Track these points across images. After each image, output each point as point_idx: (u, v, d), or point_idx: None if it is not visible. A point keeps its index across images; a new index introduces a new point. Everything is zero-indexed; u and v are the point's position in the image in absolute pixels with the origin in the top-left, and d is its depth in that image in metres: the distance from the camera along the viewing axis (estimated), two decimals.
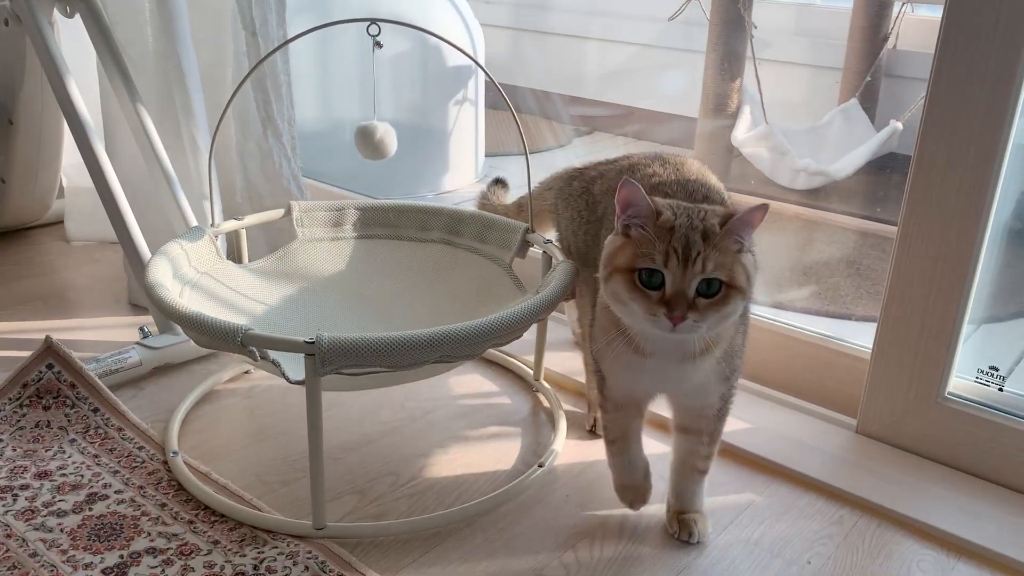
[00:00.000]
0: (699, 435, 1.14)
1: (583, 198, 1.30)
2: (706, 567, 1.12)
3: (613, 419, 1.17)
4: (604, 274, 1.00)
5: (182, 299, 1.25)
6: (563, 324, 1.70)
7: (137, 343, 1.53)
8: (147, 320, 1.67)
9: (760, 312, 1.58)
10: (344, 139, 2.56)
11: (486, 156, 2.83)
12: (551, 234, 1.44)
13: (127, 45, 1.62)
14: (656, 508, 1.22)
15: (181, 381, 1.52)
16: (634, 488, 1.19)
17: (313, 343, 1.02)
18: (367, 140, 1.47)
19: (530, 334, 1.45)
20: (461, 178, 2.68)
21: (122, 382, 1.49)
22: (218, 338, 1.06)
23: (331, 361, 1.03)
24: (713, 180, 1.16)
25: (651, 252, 0.95)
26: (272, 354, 1.08)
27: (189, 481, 1.22)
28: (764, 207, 0.96)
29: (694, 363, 1.03)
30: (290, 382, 1.09)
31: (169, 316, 1.12)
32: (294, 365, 1.10)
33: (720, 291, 0.95)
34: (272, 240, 1.76)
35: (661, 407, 1.22)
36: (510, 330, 1.12)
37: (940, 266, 1.26)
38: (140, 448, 1.31)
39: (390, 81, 2.46)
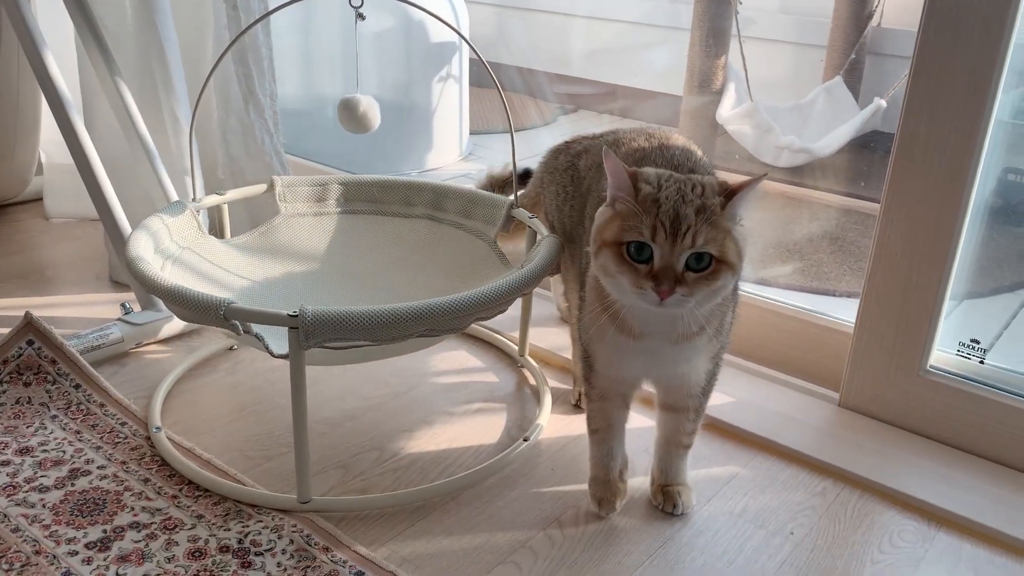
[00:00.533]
0: (685, 412, 1.14)
1: (568, 173, 1.30)
2: (690, 538, 1.13)
3: (598, 408, 1.16)
4: (594, 248, 0.99)
5: (164, 273, 1.24)
6: (548, 300, 1.70)
7: (119, 319, 1.52)
8: (129, 297, 1.65)
9: (745, 288, 1.59)
10: (327, 116, 2.55)
11: (470, 134, 2.82)
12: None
13: (105, 17, 1.59)
14: (640, 481, 1.23)
15: (164, 357, 1.51)
16: (608, 484, 1.16)
17: (297, 316, 1.02)
18: (350, 113, 1.46)
19: (515, 309, 1.45)
20: (445, 156, 2.67)
21: (104, 358, 1.48)
22: (201, 312, 1.05)
23: (315, 334, 1.03)
24: (699, 153, 1.16)
25: (638, 225, 0.94)
26: (255, 328, 1.08)
27: (172, 456, 1.21)
28: (763, 176, 0.95)
29: (687, 344, 1.03)
30: (273, 356, 1.08)
31: (151, 290, 1.11)
32: (278, 339, 1.10)
33: (710, 265, 0.94)
34: (255, 216, 1.74)
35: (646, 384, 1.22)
36: (494, 304, 1.12)
37: (922, 242, 1.27)
38: (123, 424, 1.30)
39: (374, 57, 2.44)
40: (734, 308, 1.11)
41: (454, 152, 2.71)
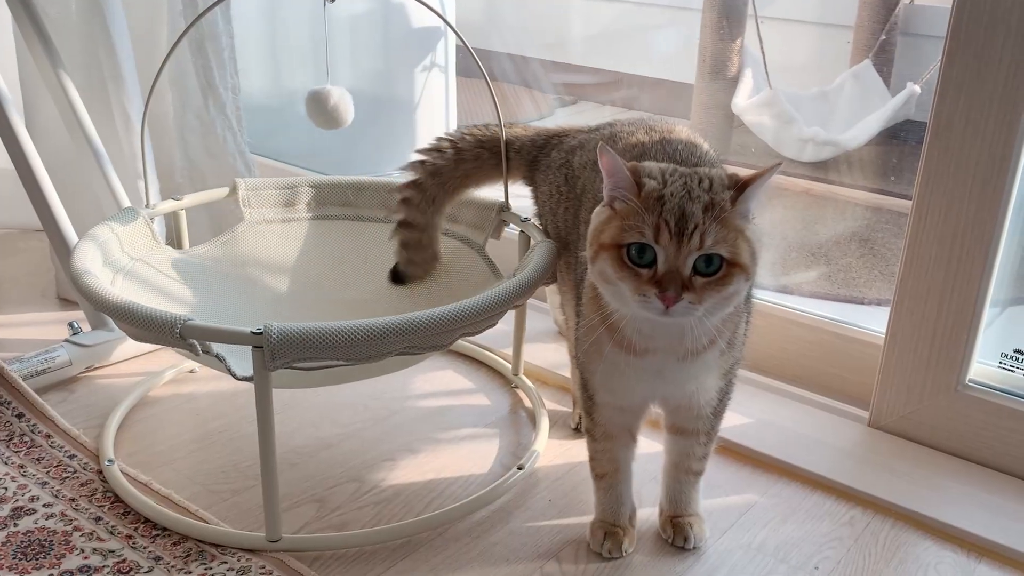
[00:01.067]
0: (695, 435, 1.15)
1: (562, 171, 1.31)
2: (703, 575, 1.14)
3: (603, 450, 1.16)
4: (590, 252, 1.00)
5: (114, 288, 1.26)
6: (544, 312, 1.71)
7: (66, 340, 1.53)
8: (77, 315, 1.66)
9: (763, 296, 1.60)
10: (297, 112, 2.55)
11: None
12: None
13: (47, 4, 1.61)
14: (648, 512, 1.24)
15: (117, 382, 1.52)
16: (615, 531, 1.17)
17: (261, 334, 1.03)
18: (319, 107, 1.48)
19: (507, 324, 1.47)
20: None
21: (50, 384, 1.49)
22: (154, 330, 1.07)
23: (281, 354, 1.04)
24: (705, 146, 1.17)
25: (639, 225, 0.94)
26: (216, 348, 1.09)
27: (127, 492, 1.22)
28: (777, 165, 0.96)
29: (696, 359, 1.04)
30: (237, 379, 1.10)
31: (99, 306, 1.12)
32: (241, 360, 1.11)
33: (721, 268, 0.94)
34: (217, 223, 1.76)
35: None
36: (481, 317, 1.13)
37: (959, 241, 1.29)
38: (71, 457, 1.31)
39: (348, 45, 2.46)
40: (748, 318, 1.13)
41: None
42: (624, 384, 1.09)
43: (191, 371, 1.55)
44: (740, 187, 0.96)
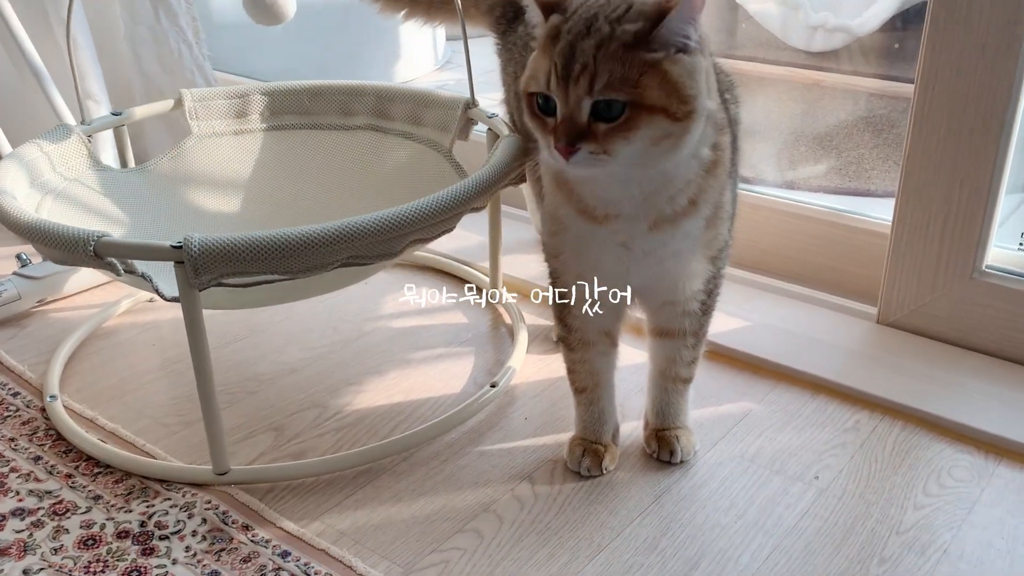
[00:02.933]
0: (682, 337, 1.04)
1: (525, 50, 1.19)
2: (690, 490, 1.04)
3: (580, 360, 1.06)
4: (521, 101, 0.91)
5: (41, 210, 1.16)
6: (524, 221, 1.59)
7: (14, 273, 1.45)
8: (27, 247, 1.57)
9: (766, 191, 1.48)
10: (273, 29, 2.45)
11: (447, 39, 2.69)
12: None
13: None
14: (633, 426, 1.14)
15: (72, 315, 1.44)
16: (595, 448, 1.07)
17: (180, 247, 0.93)
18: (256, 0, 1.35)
19: (486, 235, 1.37)
20: (417, 66, 2.55)
21: (0, 320, 1.41)
22: (67, 249, 0.97)
23: (206, 269, 0.94)
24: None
25: (537, 71, 0.86)
26: (140, 266, 0.99)
27: (68, 429, 1.14)
28: None
29: (670, 228, 0.92)
30: (166, 300, 1.00)
31: (11, 228, 1.03)
32: (171, 279, 1.01)
33: (624, 112, 0.82)
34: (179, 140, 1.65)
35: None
36: (430, 221, 1.02)
37: (972, 111, 1.15)
38: (15, 395, 1.23)
39: None
40: (734, 188, 1.00)
41: (428, 61, 2.59)
42: (591, 260, 0.97)
43: (150, 300, 1.46)
44: (658, 15, 0.81)
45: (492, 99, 1.37)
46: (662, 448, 1.08)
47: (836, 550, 0.96)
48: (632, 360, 1.21)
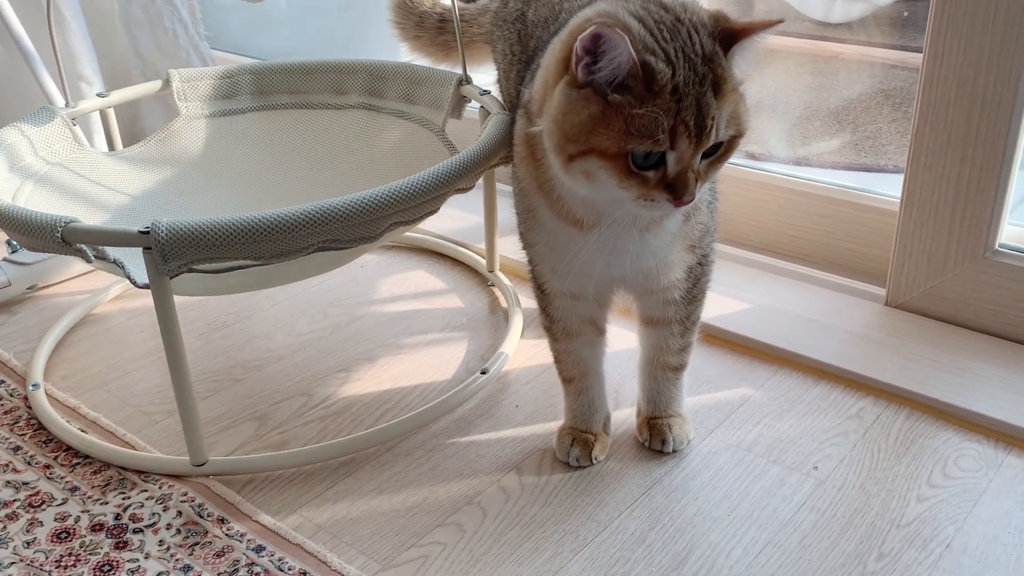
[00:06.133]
0: (668, 325, 1.00)
1: (515, 26, 1.15)
2: (683, 480, 1.00)
3: (565, 351, 1.03)
4: (567, 152, 0.79)
5: (20, 196, 1.14)
6: None
7: (4, 259, 1.43)
8: None
9: (775, 168, 1.43)
10: (277, 5, 2.41)
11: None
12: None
13: None
14: (627, 414, 1.10)
15: (62, 302, 1.42)
16: (585, 437, 1.04)
17: (148, 233, 0.90)
18: None
19: (483, 216, 1.33)
20: None
21: None
22: (34, 235, 0.94)
23: (175, 255, 0.91)
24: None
25: (652, 130, 0.75)
26: (112, 253, 0.96)
27: (49, 418, 1.12)
28: (777, 22, 0.80)
29: (656, 228, 0.89)
30: (138, 287, 0.97)
31: None
32: (142, 265, 0.98)
33: (724, 142, 0.80)
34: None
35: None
36: (409, 203, 0.98)
37: (982, 79, 1.10)
38: None
39: None
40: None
41: None
42: (572, 264, 0.92)
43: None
44: (728, 41, 0.79)
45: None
46: (654, 437, 1.05)
47: (833, 544, 0.92)
48: (628, 344, 1.17)
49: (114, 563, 0.92)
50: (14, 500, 1.01)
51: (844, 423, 1.08)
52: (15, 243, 1.46)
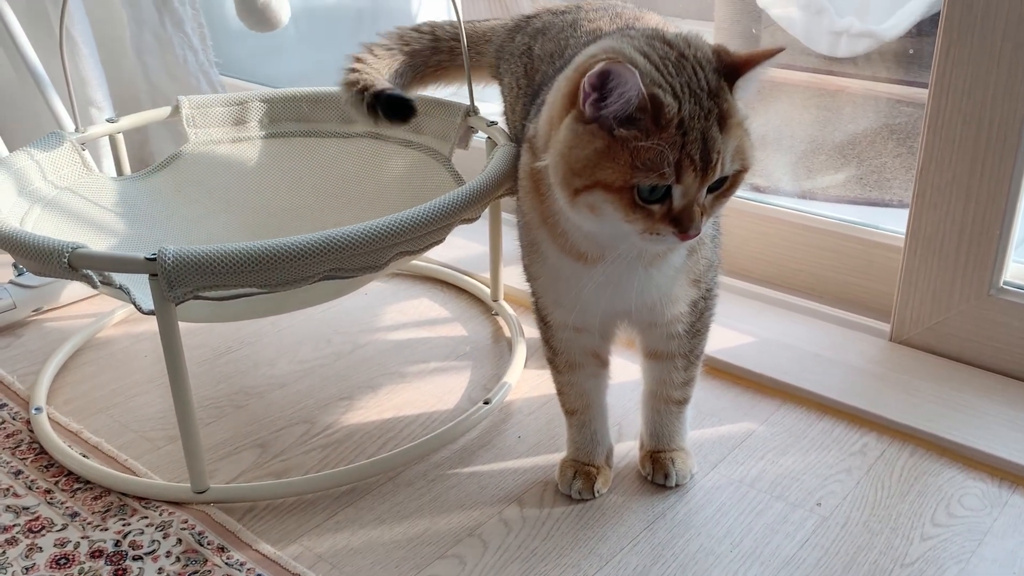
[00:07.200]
0: (671, 359, 1.00)
1: (522, 60, 1.15)
2: (685, 515, 1.00)
3: (568, 383, 1.03)
4: (572, 187, 0.80)
5: (28, 220, 1.14)
6: None
7: (10, 282, 1.43)
8: None
9: (780, 202, 1.43)
10: (287, 32, 2.43)
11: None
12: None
13: None
14: (630, 446, 1.10)
15: (67, 325, 1.42)
16: (587, 470, 1.03)
17: (155, 259, 0.90)
18: (247, 4, 1.33)
19: (488, 245, 1.34)
20: None
21: None
22: (42, 260, 0.95)
23: (181, 282, 0.91)
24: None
25: (657, 164, 0.76)
26: (118, 279, 0.97)
27: (51, 442, 1.12)
28: (779, 50, 0.80)
29: (660, 262, 0.89)
30: (143, 313, 0.98)
31: None
32: (148, 291, 0.98)
33: (730, 177, 0.81)
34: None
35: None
36: (415, 233, 0.99)
37: (987, 118, 1.10)
38: (2, 406, 1.21)
39: None
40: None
41: None
42: (575, 298, 0.92)
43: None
44: (732, 75, 0.80)
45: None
46: (656, 471, 1.04)
47: None
48: (631, 376, 1.16)
49: None
50: (14, 525, 1.01)
51: (848, 459, 1.07)
52: (21, 266, 1.46)
